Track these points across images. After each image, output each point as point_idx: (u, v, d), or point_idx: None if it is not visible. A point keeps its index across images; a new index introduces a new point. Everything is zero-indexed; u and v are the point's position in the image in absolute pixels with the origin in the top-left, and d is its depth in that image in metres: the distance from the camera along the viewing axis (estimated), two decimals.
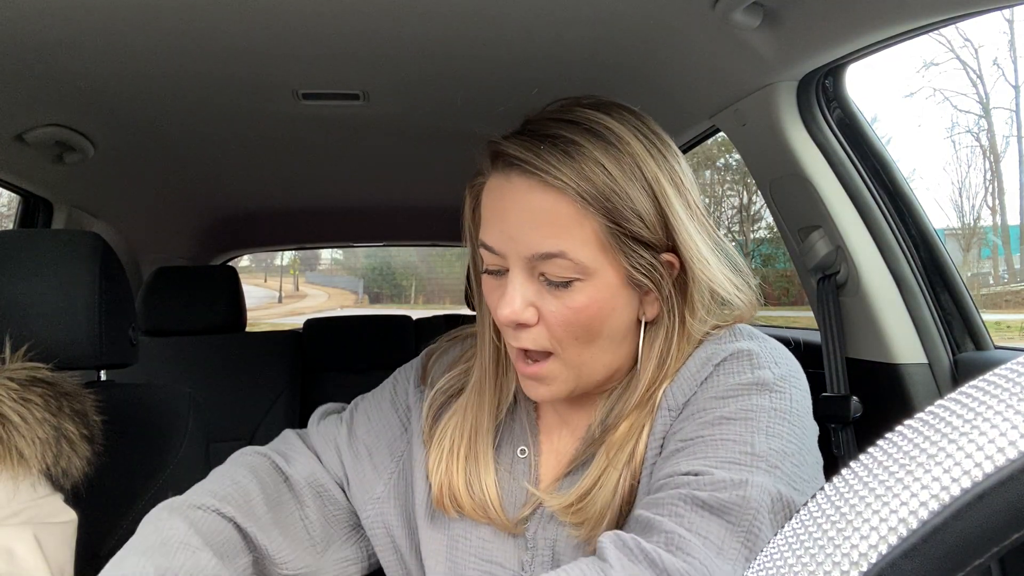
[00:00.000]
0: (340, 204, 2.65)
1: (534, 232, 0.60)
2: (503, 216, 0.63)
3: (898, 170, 1.27)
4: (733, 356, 0.63)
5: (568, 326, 0.62)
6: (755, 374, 0.61)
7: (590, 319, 0.62)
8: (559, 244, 0.60)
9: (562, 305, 0.61)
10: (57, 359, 0.95)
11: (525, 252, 0.61)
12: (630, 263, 0.61)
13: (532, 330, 0.63)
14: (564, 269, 0.60)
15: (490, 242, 0.64)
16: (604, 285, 0.61)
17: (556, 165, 0.59)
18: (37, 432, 0.80)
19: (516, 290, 0.62)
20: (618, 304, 0.63)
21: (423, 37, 1.24)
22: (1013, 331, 6.95)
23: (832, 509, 0.26)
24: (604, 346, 0.64)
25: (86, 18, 1.12)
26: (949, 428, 0.25)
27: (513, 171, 0.62)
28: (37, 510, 0.79)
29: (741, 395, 0.60)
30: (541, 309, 0.62)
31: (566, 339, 0.62)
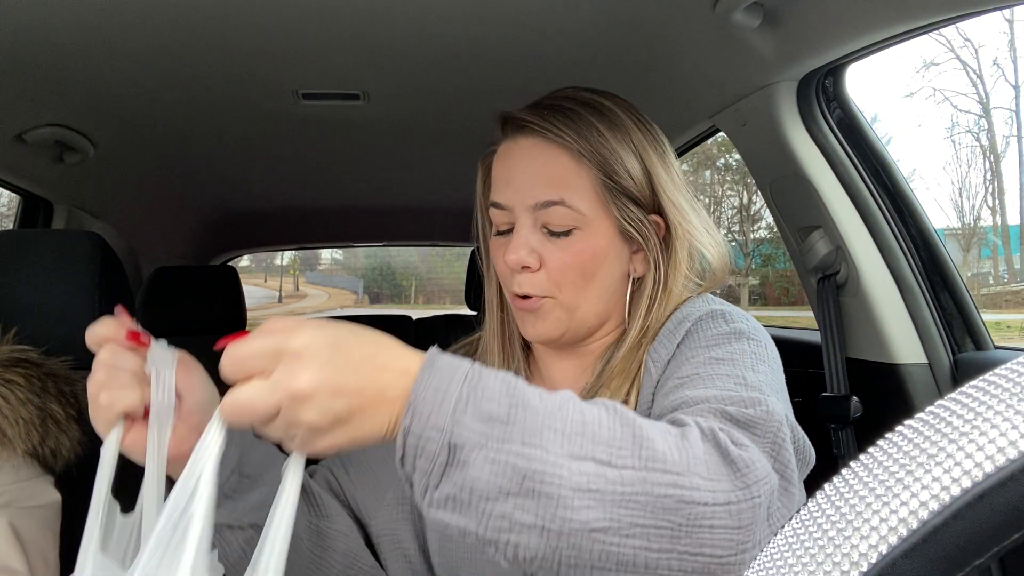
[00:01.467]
0: (340, 204, 2.64)
1: (538, 182, 0.69)
2: (510, 173, 0.71)
3: (898, 170, 1.27)
4: (708, 315, 0.70)
5: (567, 270, 0.69)
6: (731, 326, 0.68)
7: (585, 264, 0.69)
8: (560, 192, 0.68)
9: (562, 251, 0.69)
10: (57, 359, 0.95)
11: (530, 201, 0.69)
12: (622, 215, 0.70)
13: (534, 275, 0.70)
14: (564, 217, 0.69)
15: (499, 199, 0.72)
16: (599, 234, 0.70)
17: (557, 125, 0.69)
18: (20, 412, 0.80)
19: (521, 237, 0.70)
20: (611, 254, 0.71)
21: (423, 37, 1.24)
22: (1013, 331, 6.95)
23: (832, 509, 0.26)
24: (597, 293, 0.71)
25: (86, 18, 1.12)
26: (949, 428, 0.25)
27: (520, 133, 0.71)
28: (17, 493, 0.79)
29: (723, 343, 0.65)
30: (543, 256, 0.69)
31: (564, 283, 0.70)
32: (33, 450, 0.81)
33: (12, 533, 0.76)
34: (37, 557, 0.78)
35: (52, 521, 0.83)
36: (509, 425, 0.46)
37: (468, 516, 0.45)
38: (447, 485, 0.45)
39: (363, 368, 0.46)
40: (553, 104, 0.71)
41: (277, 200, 2.56)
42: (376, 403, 0.46)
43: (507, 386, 0.48)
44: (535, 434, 0.46)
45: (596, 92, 0.73)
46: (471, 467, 0.45)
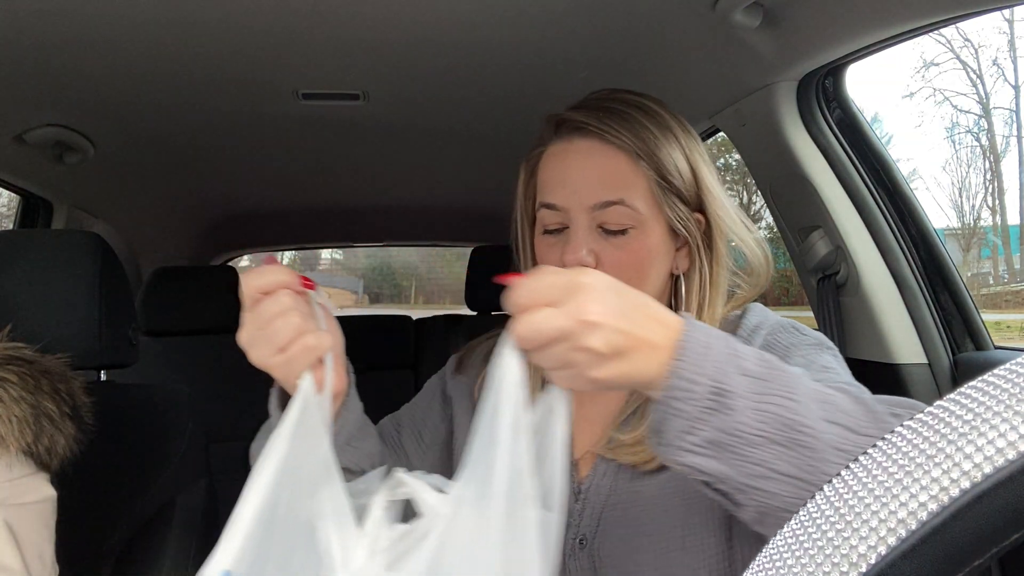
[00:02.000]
0: (340, 204, 2.64)
1: (597, 183, 0.71)
2: (566, 174, 0.73)
3: (898, 170, 1.27)
4: (780, 326, 0.74)
5: (623, 269, 0.70)
6: (811, 336, 0.73)
7: (641, 262, 0.72)
8: (619, 193, 0.70)
9: (618, 250, 0.71)
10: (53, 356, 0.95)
11: (588, 202, 0.71)
12: (673, 214, 0.72)
13: None
14: (622, 217, 0.71)
15: (553, 200, 0.73)
16: (653, 233, 0.72)
17: (614, 127, 0.71)
18: (13, 410, 0.80)
19: (580, 238, 0.71)
20: (661, 253, 0.73)
21: (423, 37, 1.24)
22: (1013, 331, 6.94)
23: (831, 510, 0.26)
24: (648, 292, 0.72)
25: (86, 18, 1.12)
26: (949, 428, 0.25)
27: (576, 135, 0.73)
28: (10, 491, 0.78)
29: (815, 353, 0.70)
30: (600, 254, 0.71)
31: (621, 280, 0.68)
32: (27, 448, 0.80)
33: (7, 531, 0.76)
34: (33, 554, 0.78)
35: (47, 517, 0.83)
36: (769, 382, 0.51)
37: (727, 461, 0.49)
38: (709, 430, 0.50)
39: (638, 313, 0.51)
40: (604, 106, 0.73)
41: (277, 200, 2.56)
42: (648, 346, 0.51)
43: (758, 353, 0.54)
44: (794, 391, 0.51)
45: (634, 93, 0.75)
46: (737, 413, 0.49)
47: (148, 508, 1.07)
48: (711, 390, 0.50)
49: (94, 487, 0.97)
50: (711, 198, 0.74)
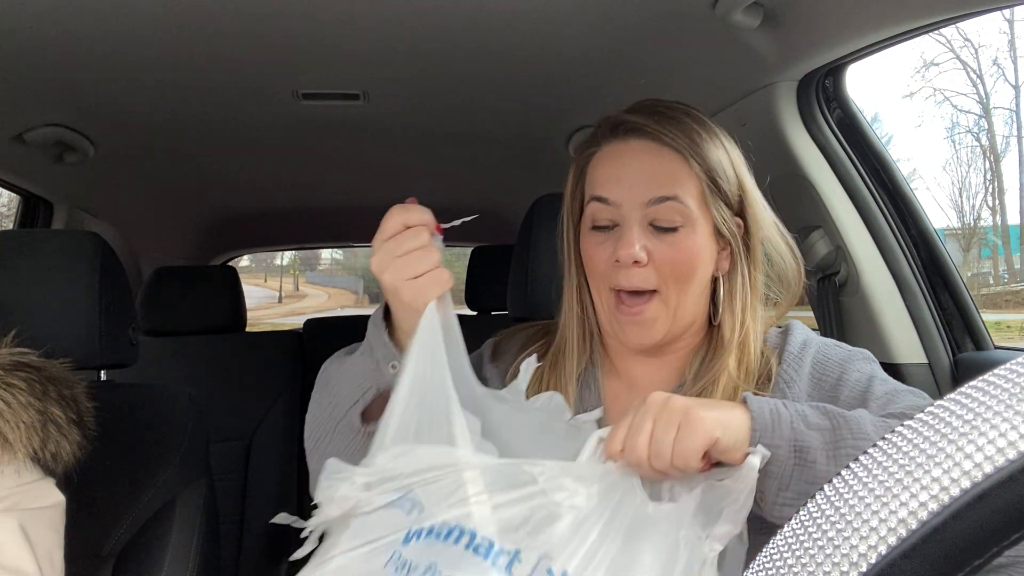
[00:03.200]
0: (340, 204, 2.64)
1: (652, 180, 0.74)
2: (621, 172, 0.76)
3: (898, 170, 1.27)
4: (825, 343, 0.80)
5: (673, 265, 0.74)
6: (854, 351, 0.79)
7: (690, 261, 0.75)
8: (673, 189, 0.74)
9: (669, 247, 0.74)
10: (57, 359, 0.95)
11: (643, 197, 0.74)
12: (719, 216, 0.76)
13: (643, 269, 0.74)
14: (674, 213, 0.74)
15: (607, 194, 0.76)
16: (701, 233, 0.75)
17: (671, 129, 0.75)
18: (21, 416, 0.80)
19: (634, 233, 0.74)
20: (707, 252, 0.76)
21: (423, 37, 1.24)
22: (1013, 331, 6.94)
23: (832, 510, 0.26)
24: (695, 291, 0.77)
25: (86, 19, 1.12)
26: (949, 428, 0.25)
27: (631, 136, 0.76)
28: (21, 496, 0.79)
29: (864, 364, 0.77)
30: (651, 251, 0.74)
31: (670, 278, 0.75)
32: (34, 454, 0.81)
33: (22, 535, 0.76)
34: (44, 558, 0.78)
35: (58, 522, 0.83)
36: (836, 429, 0.60)
37: None
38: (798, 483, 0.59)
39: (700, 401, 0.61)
40: (658, 110, 0.77)
41: (277, 200, 2.56)
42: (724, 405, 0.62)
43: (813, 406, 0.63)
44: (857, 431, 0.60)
45: (684, 104, 0.79)
46: (818, 464, 0.58)
47: (148, 508, 1.06)
48: (793, 449, 0.59)
49: (95, 487, 0.97)
50: (752, 204, 0.78)
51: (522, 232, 1.20)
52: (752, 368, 0.77)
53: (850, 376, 0.75)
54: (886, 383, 0.74)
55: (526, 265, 1.16)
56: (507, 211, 2.63)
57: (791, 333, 0.80)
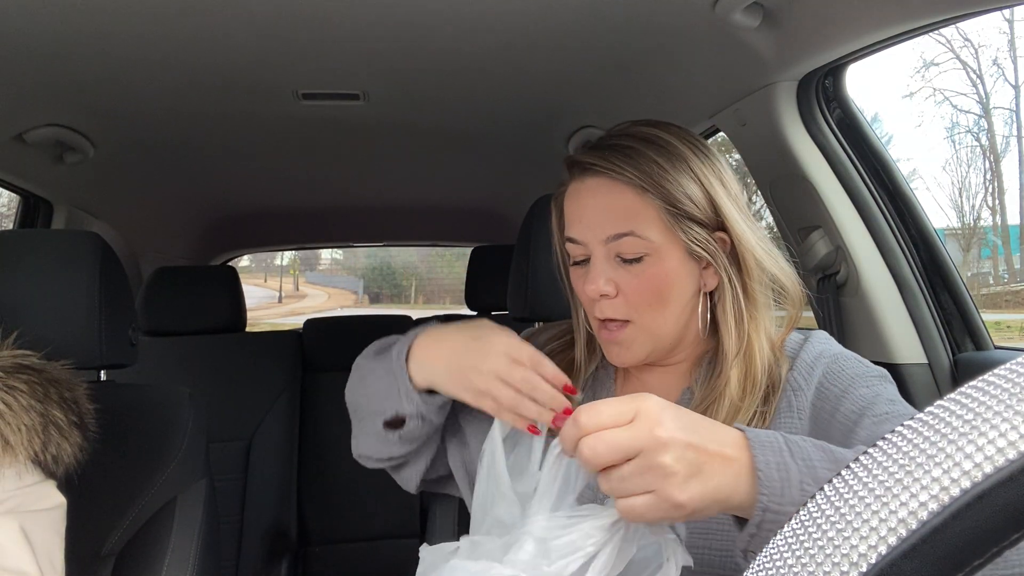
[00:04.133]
0: (340, 204, 2.64)
1: (607, 217, 0.75)
2: (582, 211, 0.78)
3: (898, 170, 1.27)
4: (842, 355, 0.79)
5: (642, 294, 0.75)
6: (871, 368, 0.77)
7: (660, 287, 0.75)
8: (628, 225, 0.74)
9: (636, 277, 0.75)
10: (57, 359, 0.95)
11: (601, 235, 0.75)
12: (688, 238, 0.75)
13: (613, 301, 0.76)
14: (635, 246, 0.74)
15: (574, 234, 0.78)
16: (669, 258, 0.75)
17: (619, 164, 0.75)
18: (23, 419, 0.80)
19: (598, 269, 0.76)
20: (682, 274, 0.76)
21: (423, 37, 1.24)
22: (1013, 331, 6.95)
23: (832, 510, 0.26)
24: (673, 311, 0.77)
25: (86, 18, 1.12)
26: (949, 428, 0.25)
27: (587, 175, 0.78)
28: (23, 498, 0.79)
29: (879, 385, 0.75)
30: (619, 283, 0.75)
31: (641, 306, 0.76)
32: (35, 456, 0.81)
33: (23, 537, 0.76)
34: (45, 560, 0.78)
35: (59, 524, 0.83)
36: None
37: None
38: None
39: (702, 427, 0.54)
40: (613, 144, 0.77)
41: (277, 200, 2.56)
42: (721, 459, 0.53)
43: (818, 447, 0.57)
44: None
45: (652, 124, 0.79)
46: None
47: (148, 508, 1.06)
48: None
49: (94, 487, 0.97)
50: (729, 221, 0.76)
51: (522, 232, 1.20)
52: (759, 379, 0.76)
53: (856, 391, 0.74)
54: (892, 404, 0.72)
55: (526, 265, 1.16)
56: (507, 211, 2.64)
57: (809, 342, 0.81)
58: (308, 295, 21.00)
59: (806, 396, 0.76)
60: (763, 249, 0.78)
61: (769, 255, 0.78)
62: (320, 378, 2.36)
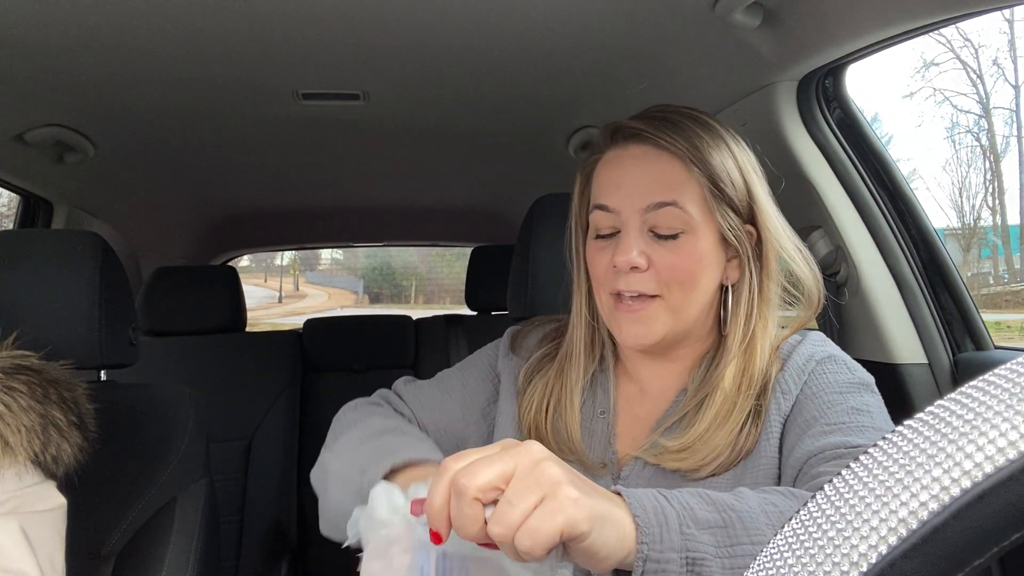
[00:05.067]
0: (340, 204, 2.64)
1: (651, 186, 0.73)
2: (621, 178, 0.75)
3: (898, 170, 1.27)
4: (830, 358, 0.77)
5: (674, 271, 0.73)
6: (855, 375, 0.75)
7: (692, 266, 0.73)
8: (672, 194, 0.72)
9: (670, 253, 0.73)
10: (57, 359, 0.95)
11: (642, 203, 0.73)
12: (724, 223, 0.73)
13: (643, 275, 0.73)
14: (674, 219, 0.72)
15: (608, 202, 0.75)
16: (704, 240, 0.73)
17: (669, 133, 0.73)
18: (22, 420, 0.80)
19: (632, 239, 0.73)
20: (712, 259, 0.74)
21: (423, 38, 1.24)
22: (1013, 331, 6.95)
23: (832, 509, 0.26)
24: (699, 298, 0.75)
25: (86, 19, 1.12)
26: (949, 428, 0.25)
27: (631, 142, 0.75)
28: (23, 499, 0.79)
29: (855, 393, 0.73)
30: (651, 257, 0.73)
31: (672, 283, 0.73)
32: (35, 457, 0.81)
33: (23, 537, 0.76)
34: (46, 560, 0.78)
35: (59, 524, 0.83)
36: (728, 528, 0.51)
37: None
38: None
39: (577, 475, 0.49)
40: (660, 116, 0.75)
41: (277, 200, 2.56)
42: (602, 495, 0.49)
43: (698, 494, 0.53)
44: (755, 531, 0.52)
45: (691, 108, 0.77)
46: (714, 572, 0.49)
47: (148, 508, 1.07)
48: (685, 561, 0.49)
49: (94, 487, 0.97)
50: (762, 211, 0.75)
51: (522, 232, 1.20)
52: (755, 377, 0.75)
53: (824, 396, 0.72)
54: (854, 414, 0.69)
55: (526, 265, 1.16)
56: (507, 211, 2.64)
57: (803, 344, 0.79)
58: (308, 295, 21.00)
59: (791, 400, 0.74)
60: (794, 246, 0.77)
61: (799, 253, 0.77)
62: (320, 378, 2.36)
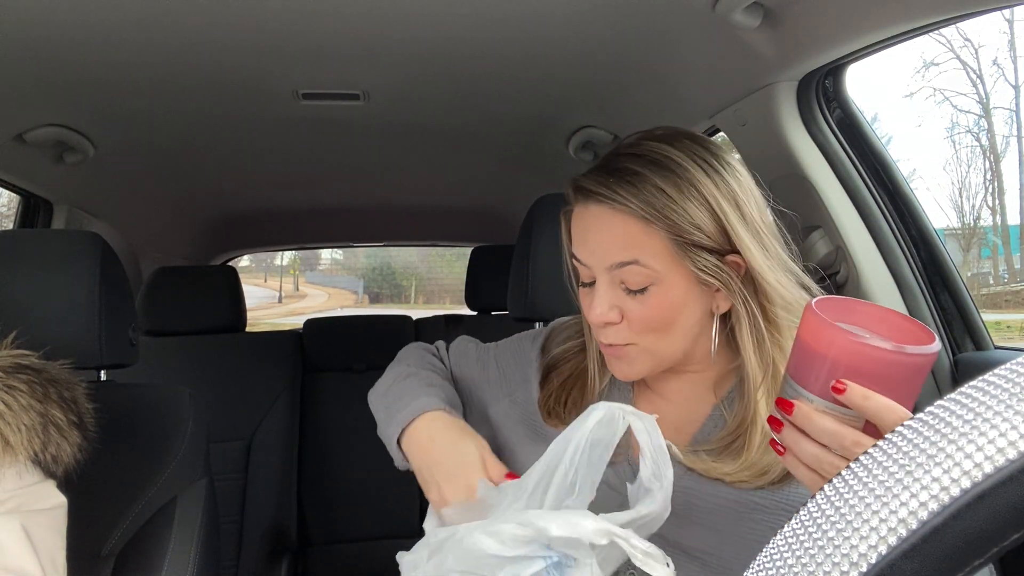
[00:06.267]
0: (340, 204, 2.64)
1: (611, 246, 0.73)
2: (585, 237, 0.76)
3: (898, 170, 1.27)
4: None
5: (646, 322, 0.74)
6: None
7: (664, 315, 0.73)
8: (632, 254, 0.72)
9: (640, 306, 0.73)
10: (57, 359, 0.95)
11: (605, 263, 0.74)
12: (696, 266, 0.72)
13: (617, 327, 0.75)
14: (639, 276, 0.72)
15: (579, 255, 0.77)
16: (675, 287, 0.73)
17: (622, 193, 0.71)
18: (22, 419, 0.80)
19: (602, 296, 0.74)
20: (689, 301, 0.74)
21: (423, 37, 1.24)
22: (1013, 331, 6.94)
23: (832, 509, 0.26)
24: (679, 334, 0.76)
25: (86, 18, 1.12)
26: (949, 428, 0.25)
27: (590, 201, 0.75)
28: (24, 498, 0.79)
29: None
30: (624, 309, 0.74)
31: (645, 332, 0.74)
32: (35, 456, 0.81)
33: (25, 536, 0.76)
34: (47, 559, 0.78)
35: (60, 523, 0.83)
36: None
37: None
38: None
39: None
40: (618, 167, 0.74)
41: (277, 200, 2.56)
42: None
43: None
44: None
45: (664, 139, 0.75)
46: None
47: (148, 508, 1.06)
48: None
49: (94, 487, 0.97)
50: (743, 246, 0.72)
51: (522, 232, 1.20)
52: None
53: None
54: None
55: (526, 265, 1.16)
56: (507, 211, 2.64)
57: None
58: (308, 295, 21.00)
59: None
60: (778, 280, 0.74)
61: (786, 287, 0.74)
62: (320, 378, 2.36)
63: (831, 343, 0.52)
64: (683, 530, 0.71)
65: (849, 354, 0.52)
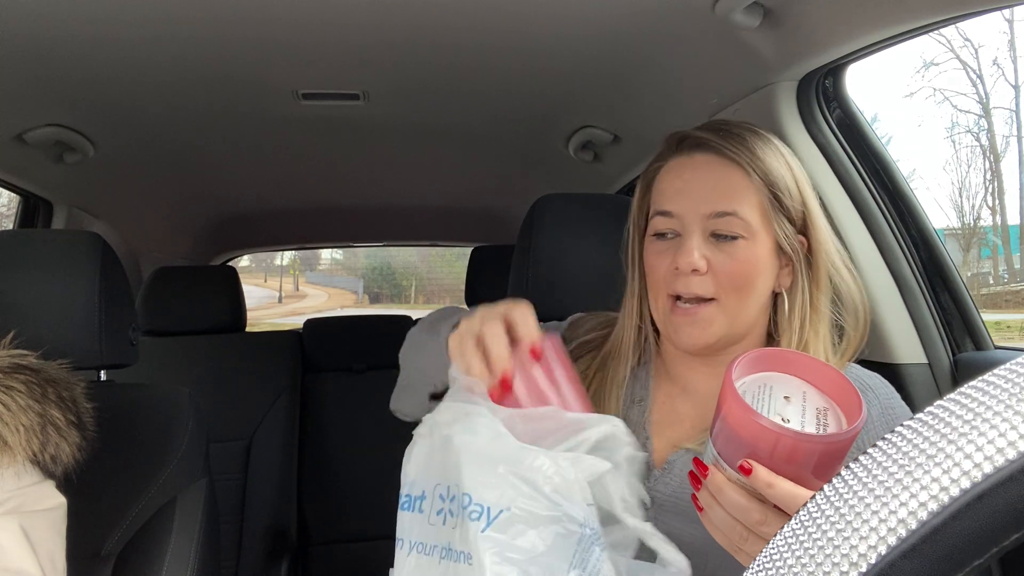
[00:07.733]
0: (340, 204, 2.64)
1: (714, 194, 0.76)
2: (685, 185, 0.79)
3: (898, 170, 1.27)
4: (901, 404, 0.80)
5: (732, 276, 0.76)
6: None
7: (749, 272, 0.76)
8: (733, 204, 0.76)
9: (728, 258, 0.76)
10: (57, 359, 0.95)
11: (705, 211, 0.76)
12: (781, 232, 0.77)
13: (702, 278, 0.77)
14: (734, 226, 0.76)
15: (670, 207, 0.79)
16: (761, 246, 0.77)
17: (732, 143, 0.78)
18: (21, 419, 0.80)
19: (694, 243, 0.76)
20: (768, 266, 0.78)
21: (423, 38, 1.24)
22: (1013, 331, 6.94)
23: (831, 510, 0.26)
24: (753, 302, 0.78)
25: (86, 18, 1.12)
26: (949, 428, 0.25)
27: (696, 151, 0.79)
28: (23, 498, 0.79)
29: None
30: (711, 261, 0.76)
31: (729, 287, 0.76)
32: (34, 456, 0.81)
33: (24, 536, 0.76)
34: (46, 560, 0.78)
35: (59, 523, 0.83)
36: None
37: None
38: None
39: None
40: (723, 128, 0.80)
41: (277, 200, 2.56)
42: None
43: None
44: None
45: (749, 124, 0.82)
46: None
47: (148, 508, 1.06)
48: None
49: (95, 487, 0.97)
50: (815, 224, 0.79)
51: (522, 232, 1.20)
52: None
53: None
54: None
55: (526, 265, 1.16)
56: (507, 211, 2.64)
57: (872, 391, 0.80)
58: (308, 295, 20.99)
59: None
60: (842, 262, 0.80)
61: (848, 270, 0.80)
62: (320, 378, 2.36)
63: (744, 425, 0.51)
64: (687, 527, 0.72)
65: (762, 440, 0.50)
